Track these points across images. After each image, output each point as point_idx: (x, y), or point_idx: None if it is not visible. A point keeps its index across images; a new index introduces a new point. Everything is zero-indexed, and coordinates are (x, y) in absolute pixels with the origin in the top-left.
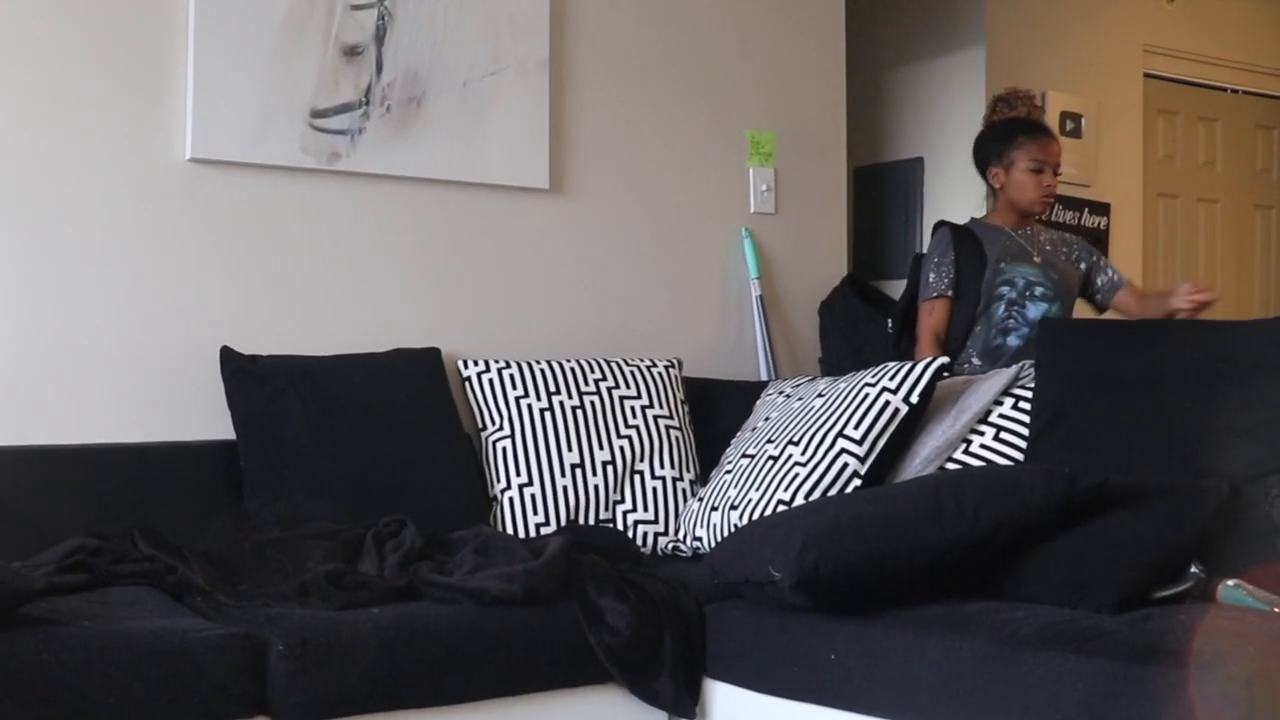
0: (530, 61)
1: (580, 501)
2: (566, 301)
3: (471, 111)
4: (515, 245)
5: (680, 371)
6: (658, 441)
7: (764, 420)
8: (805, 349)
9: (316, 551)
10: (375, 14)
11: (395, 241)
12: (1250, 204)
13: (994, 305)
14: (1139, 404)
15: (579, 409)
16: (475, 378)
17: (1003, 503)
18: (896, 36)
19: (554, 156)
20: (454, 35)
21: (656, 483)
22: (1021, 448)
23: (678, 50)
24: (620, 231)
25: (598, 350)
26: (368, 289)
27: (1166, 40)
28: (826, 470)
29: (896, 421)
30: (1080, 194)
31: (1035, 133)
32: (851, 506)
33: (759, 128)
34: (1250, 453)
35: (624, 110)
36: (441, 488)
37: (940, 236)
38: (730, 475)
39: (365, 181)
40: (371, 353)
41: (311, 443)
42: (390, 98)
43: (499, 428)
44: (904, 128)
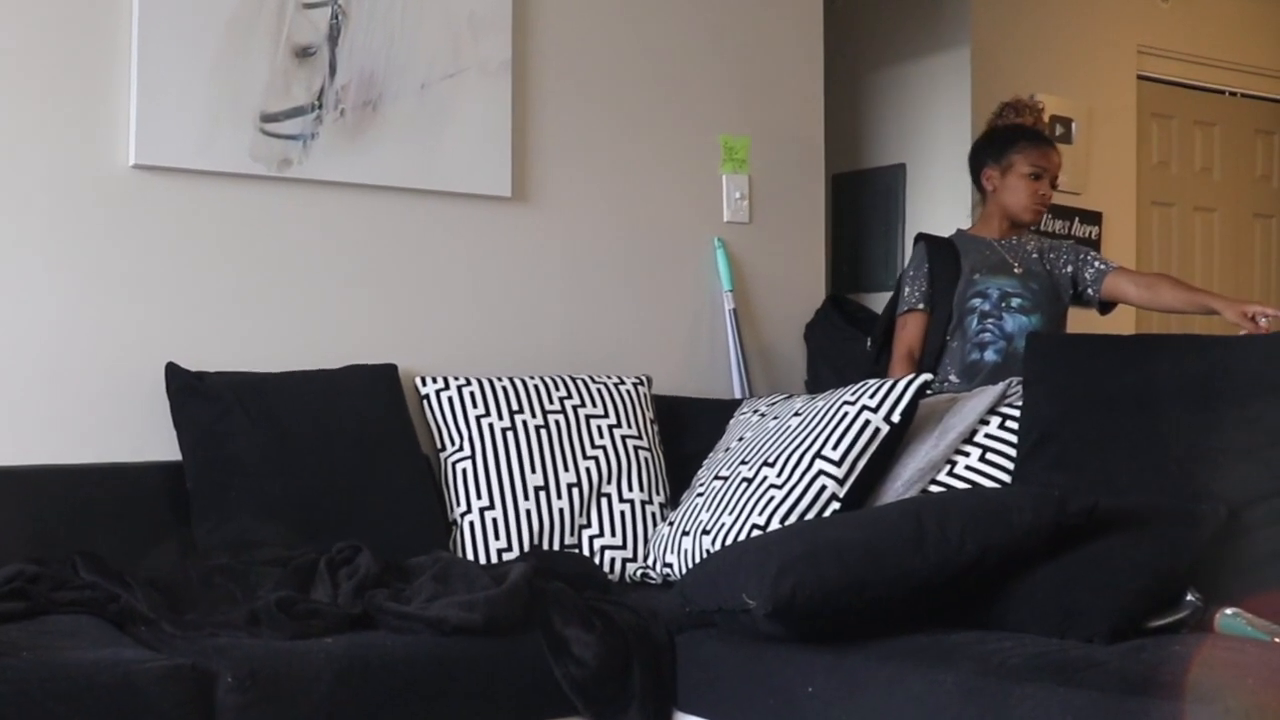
0: (492, 63)
1: (544, 526)
2: (530, 315)
3: (430, 115)
4: (476, 256)
5: (649, 389)
6: (626, 463)
7: (738, 440)
8: (781, 365)
9: (267, 578)
10: (328, 13)
11: (349, 252)
12: (1249, 213)
13: (967, 319)
14: (1132, 423)
15: (543, 429)
16: (434, 395)
17: (989, 527)
18: (877, 37)
19: (516, 163)
20: (412, 35)
21: (625, 506)
22: (1009, 469)
23: (647, 51)
24: (586, 242)
25: (563, 367)
26: (321, 302)
27: (1161, 41)
28: (803, 493)
29: (877, 442)
30: (1071, 202)
31: (1039, 140)
32: (830, 531)
33: (732, 132)
34: (1248, 474)
35: (590, 114)
36: (398, 511)
37: (917, 249)
38: (702, 498)
39: (318, 189)
40: (325, 369)
41: (261, 464)
42: (344, 101)
43: (459, 448)
44: (885, 133)
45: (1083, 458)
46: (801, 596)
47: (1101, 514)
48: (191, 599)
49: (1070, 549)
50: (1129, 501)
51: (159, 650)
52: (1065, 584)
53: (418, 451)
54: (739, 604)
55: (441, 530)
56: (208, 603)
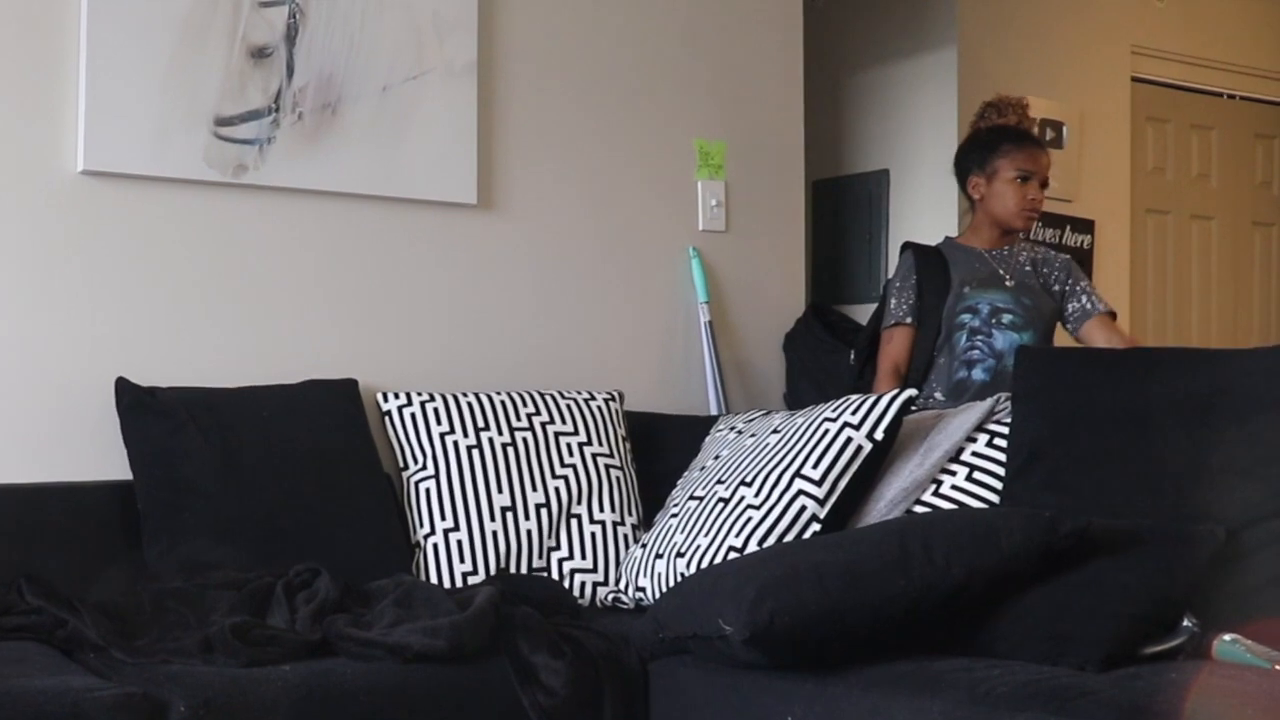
0: (457, 64)
1: (511, 548)
2: (496, 328)
3: (392, 119)
4: (440, 266)
5: (622, 405)
6: (597, 482)
7: (714, 459)
8: (759, 380)
9: (221, 603)
10: (286, 12)
11: (308, 262)
12: (1248, 221)
13: (955, 335)
14: (1126, 441)
15: (510, 446)
16: (396, 412)
17: (976, 550)
18: (860, 37)
19: (482, 169)
20: (373, 35)
21: (595, 527)
22: (997, 489)
23: (619, 52)
24: (555, 251)
25: (531, 382)
26: (278, 314)
27: (1156, 41)
28: (782, 514)
29: (859, 460)
30: (1061, 210)
31: (1024, 141)
32: (810, 554)
33: (708, 137)
34: (1248, 494)
35: (560, 118)
36: (359, 533)
37: (904, 260)
38: (676, 519)
39: (275, 196)
40: (282, 384)
41: (215, 483)
42: (302, 104)
43: (422, 467)
44: (868, 137)
45: (1074, 477)
46: (780, 622)
47: (1094, 536)
48: (143, 624)
49: (1061, 572)
50: (1123, 523)
51: (109, 678)
52: (1056, 609)
53: (379, 470)
54: (715, 630)
55: (404, 553)
56: (159, 628)
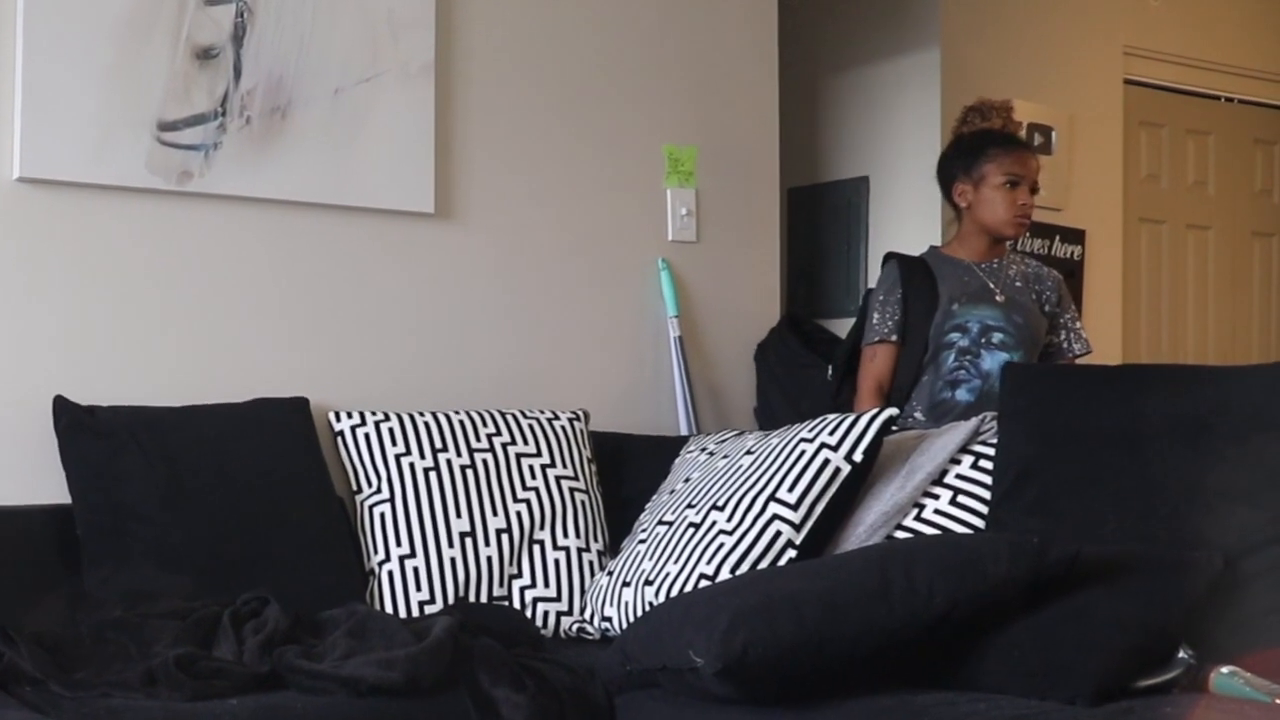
0: (413, 65)
1: (471, 576)
2: (455, 344)
3: (345, 123)
4: (396, 278)
5: (587, 425)
6: (561, 506)
7: (684, 481)
8: (732, 399)
9: (165, 633)
10: (233, 10)
11: (256, 274)
12: (1247, 231)
13: (943, 354)
14: (1118, 463)
15: (469, 469)
16: (349, 432)
17: (960, 578)
18: (838, 37)
19: (440, 176)
20: (324, 35)
21: (559, 554)
22: (982, 513)
23: (584, 52)
24: (517, 263)
25: (491, 401)
26: (224, 329)
27: (1150, 41)
28: (756, 539)
29: (837, 483)
30: (1051, 219)
31: (1011, 144)
32: (785, 582)
33: (678, 142)
34: (1247, 519)
35: (522, 122)
36: (310, 560)
37: (888, 271)
38: (645, 545)
39: (221, 204)
40: (228, 403)
41: (159, 508)
42: (250, 107)
43: (376, 490)
44: (846, 142)
45: (1064, 501)
46: (754, 654)
47: (1084, 563)
48: (82, 656)
49: (1050, 602)
50: (1115, 549)
51: (46, 713)
52: (1045, 640)
53: (331, 494)
54: (685, 662)
55: (357, 580)
56: (100, 660)
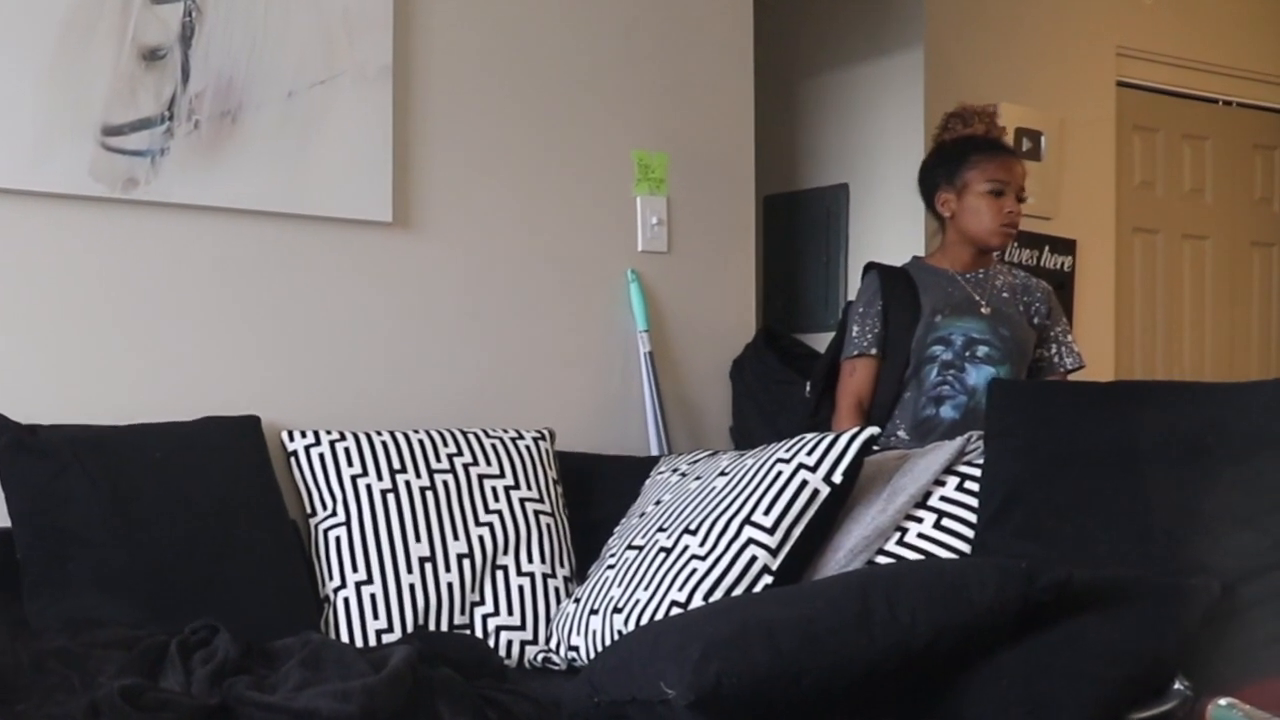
0: (370, 67)
1: (430, 603)
2: (413, 359)
3: (298, 128)
4: (352, 291)
5: (553, 445)
6: (525, 530)
7: (654, 504)
8: (705, 417)
9: (109, 663)
10: (181, 9)
11: (205, 286)
12: (1246, 241)
13: (925, 368)
14: (1111, 484)
15: (429, 490)
16: (302, 452)
17: (945, 605)
18: (816, 38)
19: (398, 183)
20: (277, 35)
21: (523, 580)
22: (968, 537)
23: (550, 54)
24: (479, 274)
25: (452, 419)
26: (172, 344)
27: (1144, 42)
28: (730, 565)
29: (816, 505)
30: (1040, 229)
31: (995, 150)
32: (761, 609)
33: (648, 147)
34: (1246, 543)
35: (484, 127)
36: (261, 586)
37: (868, 282)
38: (613, 571)
39: (168, 213)
40: (177, 422)
41: (103, 531)
42: (199, 111)
43: (331, 513)
44: (825, 148)
45: (1054, 524)
46: (728, 685)
47: (1076, 589)
48: (22, 687)
49: (1039, 630)
50: (1108, 575)
51: None
52: (1034, 670)
53: (284, 517)
54: (656, 694)
55: (311, 608)
56: (41, 691)
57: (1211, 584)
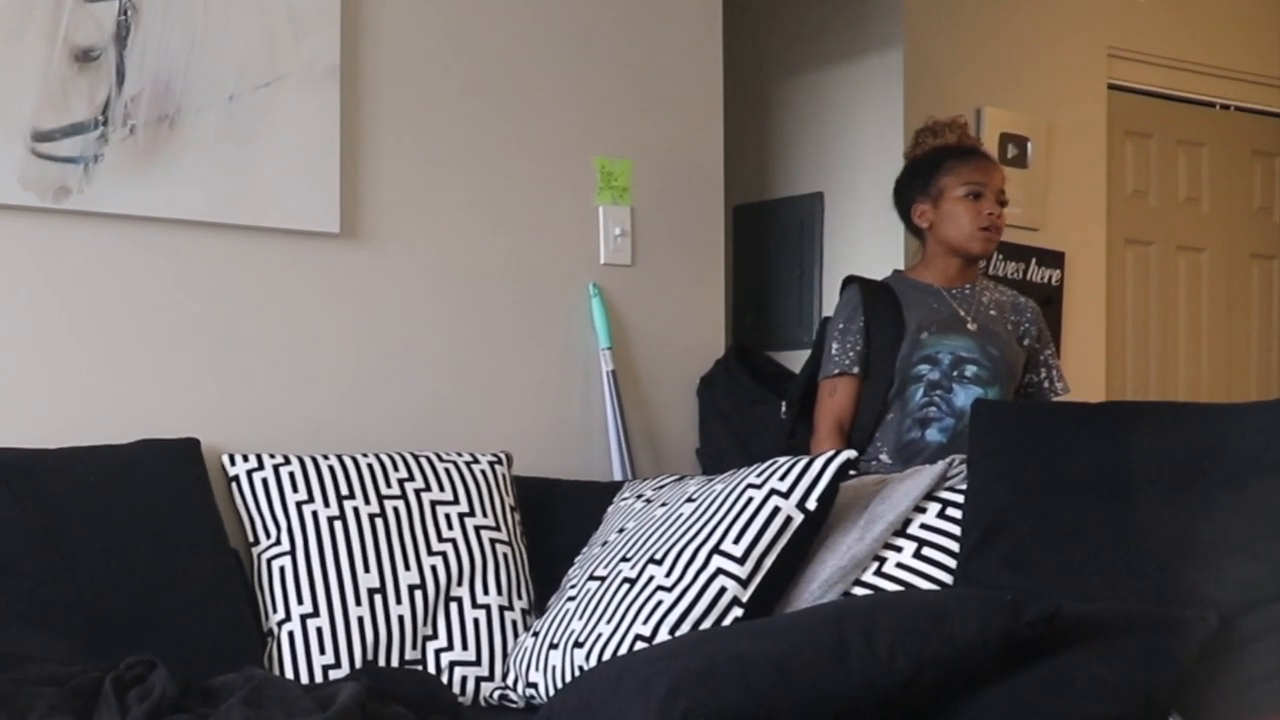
0: (316, 68)
1: (380, 637)
2: (362, 379)
3: (240, 133)
4: (297, 306)
5: (510, 469)
6: (481, 560)
7: (618, 532)
8: (672, 440)
9: (39, 701)
10: (115, 8)
11: (141, 301)
12: (1245, 253)
13: (910, 388)
14: (1102, 511)
15: (379, 517)
16: (245, 477)
17: (925, 639)
18: (789, 38)
19: (346, 192)
20: (218, 35)
21: (479, 613)
22: (950, 568)
23: (507, 55)
24: (431, 289)
25: (403, 442)
26: (106, 362)
27: (1137, 42)
28: (698, 596)
29: (789, 533)
30: (1025, 240)
31: (968, 154)
32: (731, 643)
33: (611, 154)
34: (1244, 574)
35: (437, 133)
36: (201, 619)
37: (848, 297)
38: (574, 603)
39: (102, 223)
40: (111, 444)
41: (32, 561)
42: (135, 115)
43: (275, 541)
44: (798, 154)
45: (1041, 554)
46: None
47: (1064, 623)
48: None
49: (1026, 666)
50: (1098, 607)
51: None
52: (1020, 709)
53: (225, 545)
54: None
55: (254, 642)
56: None
57: (1208, 617)
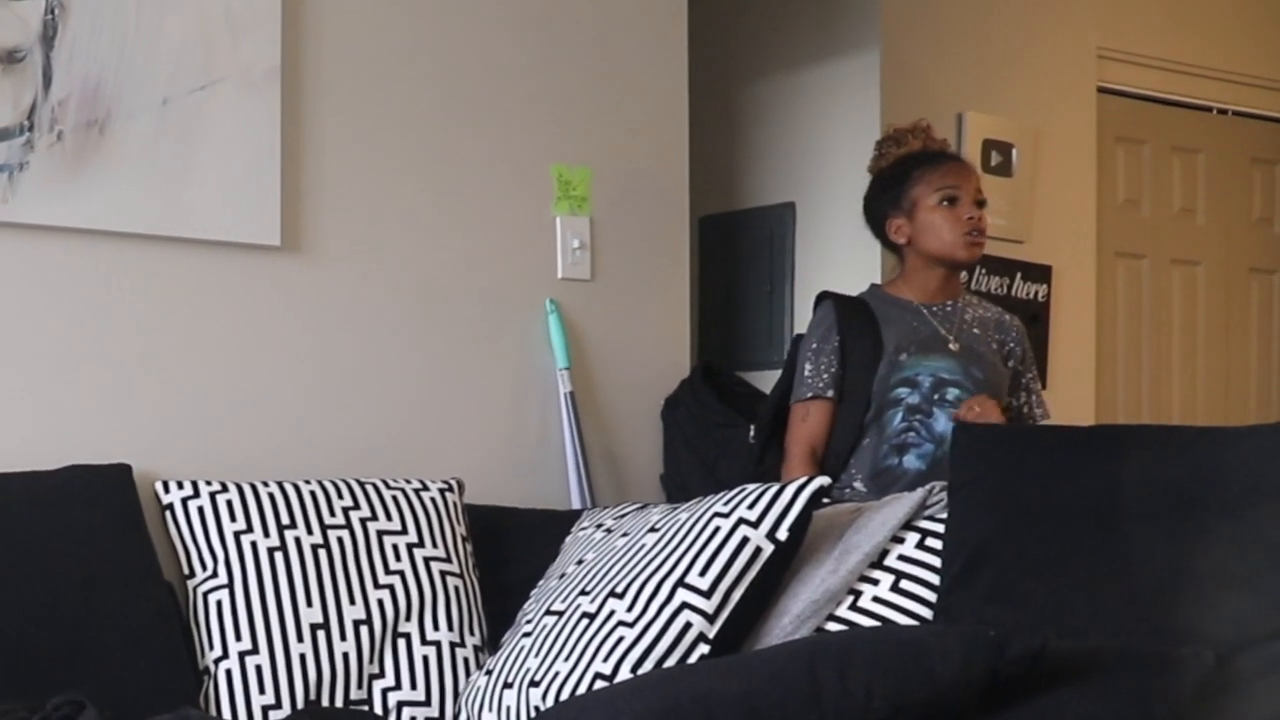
0: (256, 70)
1: (324, 675)
2: (305, 401)
3: (175, 139)
4: (235, 324)
5: (461, 497)
6: (430, 593)
7: (576, 564)
8: (634, 466)
9: None
10: (42, 6)
11: (69, 318)
12: (1243, 267)
13: (888, 412)
14: (1091, 541)
15: (322, 548)
16: (179, 505)
17: (904, 678)
18: (758, 38)
19: (288, 202)
20: (151, 35)
21: (428, 649)
22: (930, 601)
23: (459, 56)
24: (378, 305)
25: (348, 468)
26: (31, 382)
27: (1128, 42)
28: (662, 632)
29: (758, 565)
30: (1010, 253)
31: (936, 159)
32: (697, 683)
33: (569, 162)
34: (1243, 608)
35: (384, 139)
36: (133, 656)
37: (822, 314)
38: (530, 639)
39: (27, 235)
40: (35, 471)
41: None
42: (63, 121)
43: (212, 574)
44: (769, 162)
45: (1027, 586)
46: None
47: (1051, 660)
48: None
49: (1011, 705)
50: (1087, 644)
51: None
52: None
53: (159, 578)
54: None
55: (190, 680)
56: None
57: (1204, 654)
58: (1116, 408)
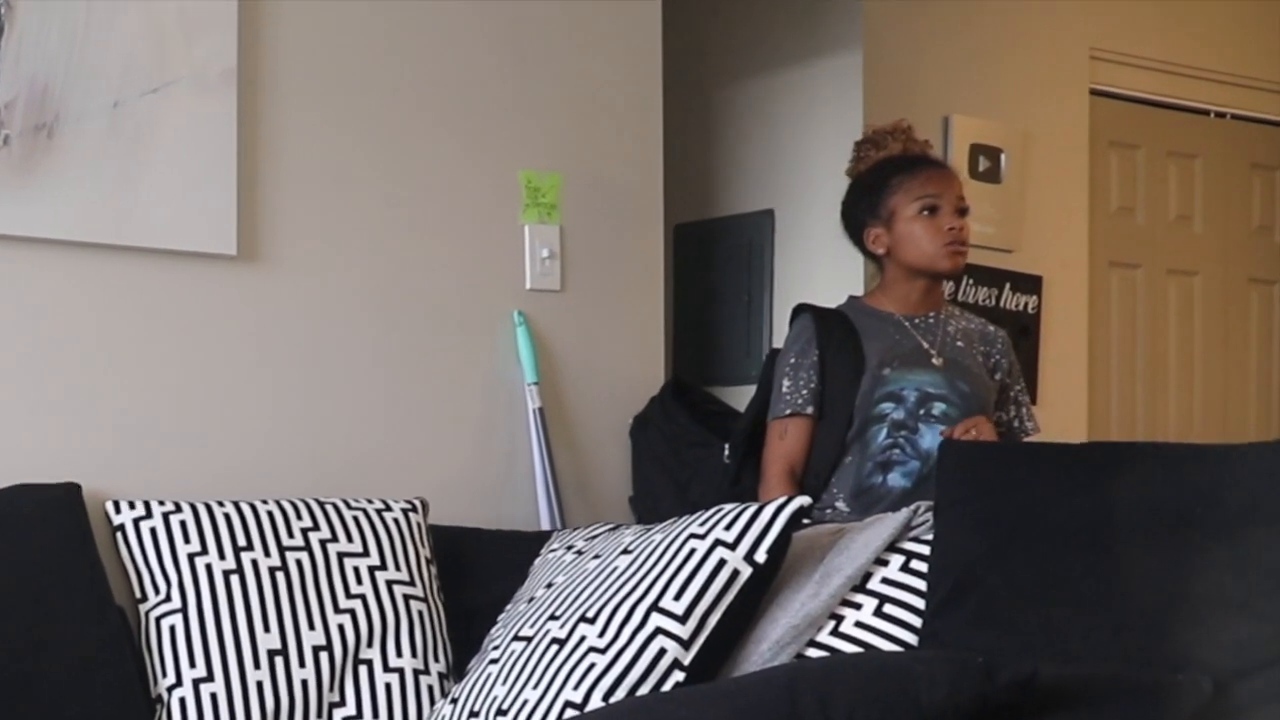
0: (211, 72)
1: (282, 704)
2: (262, 417)
3: (126, 144)
4: (189, 337)
5: (425, 517)
6: (393, 618)
7: (545, 587)
8: (606, 485)
9: None
10: None
11: (15, 330)
12: (1242, 277)
13: (872, 428)
14: (1083, 563)
15: (280, 571)
16: (131, 526)
17: (888, 706)
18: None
19: (244, 209)
20: (102, 35)
21: (391, 676)
22: (915, 626)
23: (422, 58)
24: (338, 317)
25: (307, 487)
26: None
27: (1123, 42)
28: (636, 658)
29: (735, 589)
30: (999, 263)
31: (915, 165)
32: (672, 711)
33: (538, 168)
34: (1241, 633)
35: (345, 144)
36: (82, 684)
37: (800, 327)
38: (497, 666)
39: None
40: None
41: None
42: (9, 125)
43: (165, 598)
44: (746, 168)
45: (1016, 610)
46: None
47: (1042, 688)
48: None
49: None
50: (1080, 670)
51: None
52: None
53: (109, 602)
54: None
55: (141, 709)
56: None
57: (1201, 681)
58: (1110, 424)
